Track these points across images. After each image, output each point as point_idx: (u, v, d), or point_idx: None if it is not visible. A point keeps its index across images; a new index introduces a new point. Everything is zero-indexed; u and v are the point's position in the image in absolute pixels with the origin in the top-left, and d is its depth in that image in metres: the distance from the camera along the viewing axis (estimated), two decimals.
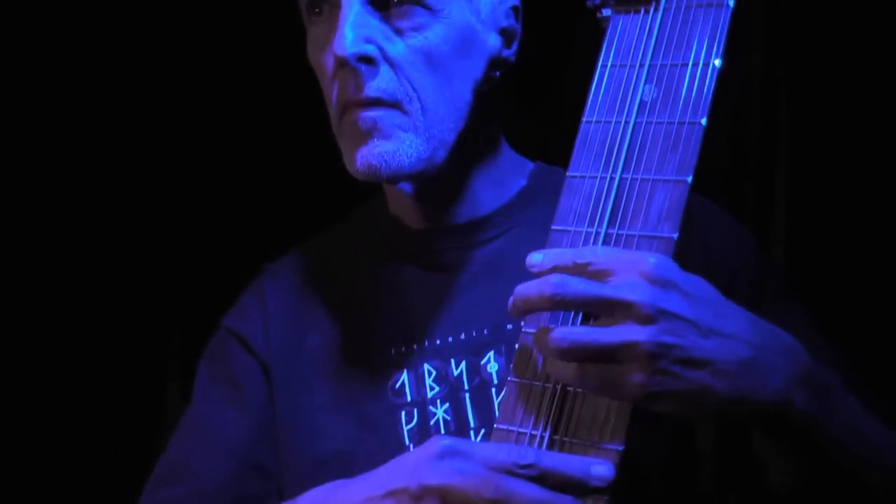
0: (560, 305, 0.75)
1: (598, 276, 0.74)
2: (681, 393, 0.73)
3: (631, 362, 0.72)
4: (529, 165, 1.10)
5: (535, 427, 0.78)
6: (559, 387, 0.78)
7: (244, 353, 1.08)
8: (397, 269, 1.06)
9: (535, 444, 0.77)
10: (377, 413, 1.01)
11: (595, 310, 0.75)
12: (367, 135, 0.95)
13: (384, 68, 0.94)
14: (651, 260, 0.73)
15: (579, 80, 0.86)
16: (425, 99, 0.95)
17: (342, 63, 0.93)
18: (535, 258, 0.77)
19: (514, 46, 1.02)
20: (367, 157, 0.94)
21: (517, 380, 0.80)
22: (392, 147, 0.94)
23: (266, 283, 1.11)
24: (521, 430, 0.78)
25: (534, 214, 1.04)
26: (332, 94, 0.97)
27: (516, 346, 0.81)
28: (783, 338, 0.79)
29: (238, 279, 1.23)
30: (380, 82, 0.94)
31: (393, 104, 0.94)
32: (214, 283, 2.09)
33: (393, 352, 1.02)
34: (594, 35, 0.84)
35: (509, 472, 0.74)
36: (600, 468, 0.74)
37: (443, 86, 0.96)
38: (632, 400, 0.74)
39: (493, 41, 1.00)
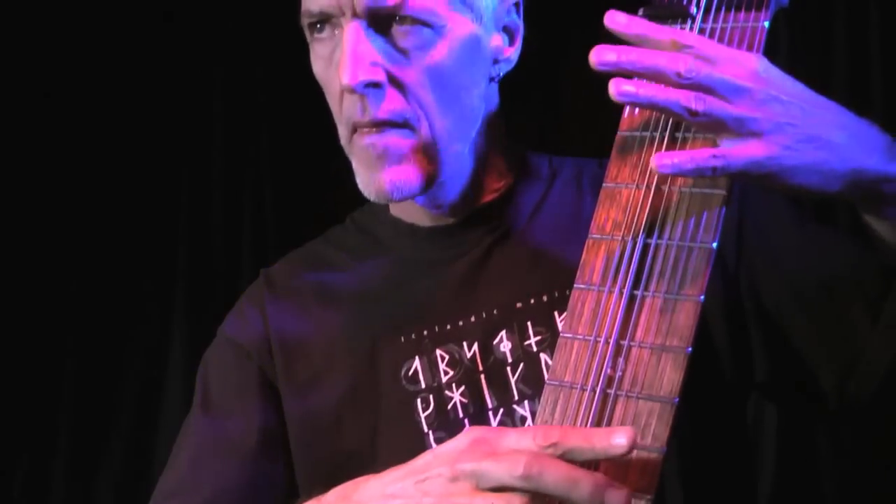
0: (683, 82, 0.76)
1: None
2: (810, 166, 0.79)
3: (754, 134, 0.77)
4: (522, 153, 1.12)
5: None
6: (599, 389, 0.79)
7: (245, 361, 1.08)
8: (400, 262, 1.07)
9: None
10: (393, 403, 1.01)
11: (715, 89, 0.77)
12: (378, 160, 0.97)
13: (391, 90, 0.96)
14: (754, 55, 0.79)
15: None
16: (433, 118, 0.97)
17: (349, 90, 0.95)
18: (621, 18, 0.79)
19: (518, 41, 1.05)
20: (380, 184, 0.97)
21: (556, 383, 0.81)
22: (404, 174, 0.97)
23: (264, 289, 1.11)
24: None
25: (531, 200, 1.07)
26: (340, 111, 0.99)
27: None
28: (868, 122, 0.85)
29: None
30: (387, 104, 0.95)
31: (401, 125, 0.96)
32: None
33: (402, 340, 1.03)
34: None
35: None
36: (621, 434, 0.73)
37: (451, 101, 0.98)
38: (774, 179, 0.79)
39: (497, 41, 1.02)
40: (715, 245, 0.79)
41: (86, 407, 2.13)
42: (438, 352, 1.02)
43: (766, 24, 0.81)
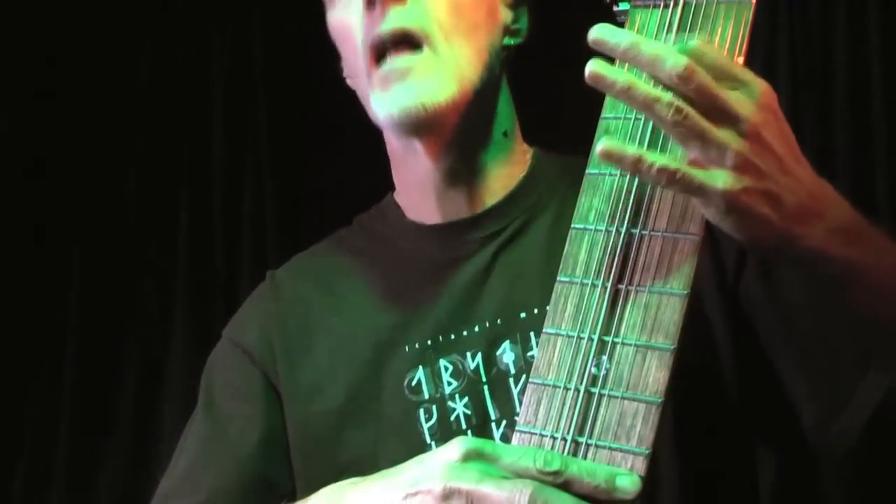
0: (682, 83, 0.71)
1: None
2: (751, 216, 0.73)
3: (721, 163, 0.72)
4: (529, 150, 1.09)
5: (557, 429, 0.76)
6: (583, 388, 0.76)
7: (248, 365, 1.07)
8: (404, 267, 1.05)
9: (559, 448, 0.76)
10: (395, 413, 1.00)
11: (706, 106, 0.72)
12: (400, 77, 0.96)
13: (412, 3, 0.96)
14: (767, 86, 0.74)
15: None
16: (452, 37, 0.97)
17: (371, 1, 0.95)
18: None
19: (524, 24, 1.06)
20: (402, 98, 0.96)
21: (539, 381, 0.78)
22: (425, 88, 0.96)
23: (269, 292, 1.10)
24: (543, 432, 0.76)
25: (537, 203, 1.04)
26: (360, 40, 0.98)
27: (536, 348, 0.79)
28: (834, 192, 0.80)
29: None
30: (408, 14, 0.96)
31: (421, 37, 0.96)
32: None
33: (406, 349, 1.01)
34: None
35: (534, 478, 0.72)
36: (626, 480, 0.72)
37: (467, 31, 0.98)
38: (713, 207, 0.74)
39: (505, 14, 1.04)
40: (700, 237, 0.75)
41: (86, 406, 2.12)
42: (442, 362, 1.00)
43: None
